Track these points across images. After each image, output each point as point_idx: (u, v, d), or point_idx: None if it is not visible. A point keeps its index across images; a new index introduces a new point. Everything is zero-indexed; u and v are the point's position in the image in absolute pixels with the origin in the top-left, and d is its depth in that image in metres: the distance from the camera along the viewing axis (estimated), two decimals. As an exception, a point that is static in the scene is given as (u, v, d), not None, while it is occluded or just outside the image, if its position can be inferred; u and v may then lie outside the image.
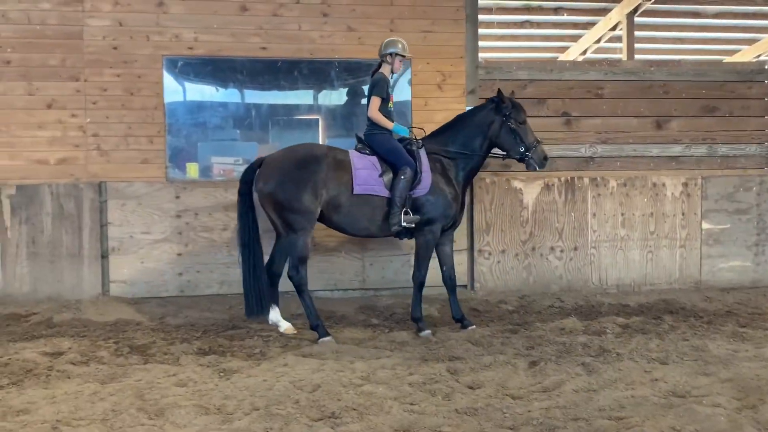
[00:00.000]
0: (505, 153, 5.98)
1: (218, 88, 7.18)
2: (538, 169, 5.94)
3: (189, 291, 6.71)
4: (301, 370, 4.47)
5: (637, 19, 9.87)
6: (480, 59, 7.37)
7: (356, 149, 5.84)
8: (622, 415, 3.72)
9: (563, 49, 12.06)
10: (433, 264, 6.99)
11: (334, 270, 6.99)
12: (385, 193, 5.60)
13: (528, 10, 10.49)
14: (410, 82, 7.17)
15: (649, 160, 7.57)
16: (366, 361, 4.70)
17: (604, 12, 10.31)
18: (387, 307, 6.54)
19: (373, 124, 5.78)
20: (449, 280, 5.95)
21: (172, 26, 6.77)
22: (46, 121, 6.63)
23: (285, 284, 5.81)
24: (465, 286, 7.17)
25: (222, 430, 3.52)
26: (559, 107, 7.43)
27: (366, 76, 7.23)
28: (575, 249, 7.30)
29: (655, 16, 10.37)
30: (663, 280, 7.44)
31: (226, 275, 6.80)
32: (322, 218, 5.68)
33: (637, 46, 10.00)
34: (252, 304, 5.60)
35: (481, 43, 7.52)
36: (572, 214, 7.30)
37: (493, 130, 5.85)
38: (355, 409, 3.78)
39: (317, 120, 7.40)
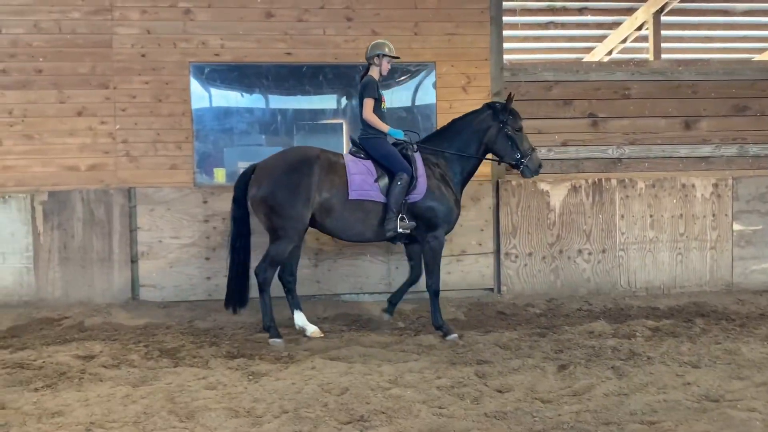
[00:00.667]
0: (499, 159, 5.96)
1: (244, 93, 7.25)
2: (532, 176, 5.91)
3: (217, 295, 6.74)
4: (329, 374, 4.49)
5: (664, 18, 9.76)
6: (505, 61, 7.34)
7: (350, 152, 5.81)
8: (655, 419, 3.68)
9: (588, 50, 11.96)
10: (457, 267, 7.04)
11: (360, 273, 7.00)
12: (381, 198, 5.55)
13: (552, 11, 10.43)
14: (435, 85, 7.17)
15: (678, 161, 7.48)
16: (393, 365, 4.70)
17: (629, 12, 10.21)
18: (413, 311, 6.52)
19: (367, 128, 5.71)
20: (416, 278, 5.97)
21: (199, 33, 6.86)
22: (77, 128, 6.76)
23: (303, 288, 5.84)
24: (491, 289, 7.13)
25: (252, 433, 3.54)
26: (585, 108, 7.37)
27: (391, 80, 7.26)
28: (603, 251, 7.22)
29: (682, 15, 10.25)
30: (693, 283, 7.32)
31: (254, 279, 6.83)
32: (313, 223, 5.63)
33: (663, 45, 9.88)
34: (232, 296, 5.67)
35: (505, 45, 7.49)
36: (600, 216, 7.22)
37: (489, 135, 5.82)
38: (383, 413, 3.79)
39: (341, 124, 7.42)
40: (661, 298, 6.99)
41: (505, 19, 8.14)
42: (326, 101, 7.45)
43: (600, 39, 11.44)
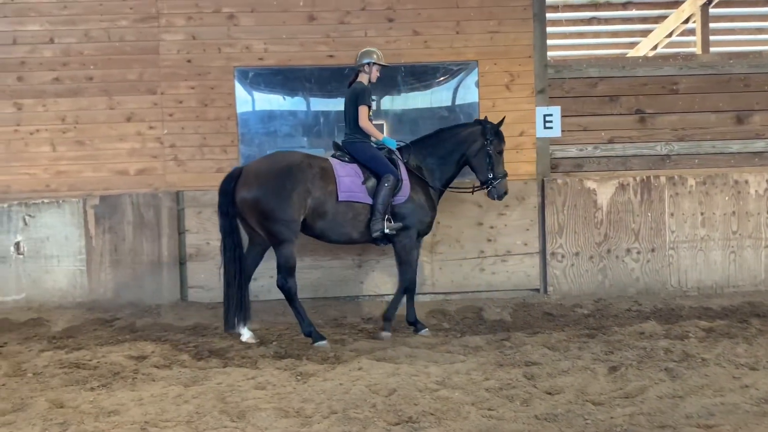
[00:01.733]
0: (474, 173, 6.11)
1: (287, 96, 7.31)
2: (495, 199, 6.11)
3: (263, 296, 6.85)
4: (376, 374, 4.49)
5: (712, 11, 9.50)
6: (548, 58, 7.24)
7: (335, 156, 5.85)
8: (712, 423, 3.57)
9: (632, 45, 11.74)
10: (502, 267, 6.97)
11: (404, 274, 6.99)
12: (368, 200, 5.65)
13: (595, 6, 10.27)
14: (477, 84, 7.11)
15: (730, 157, 7.26)
16: (440, 366, 4.68)
17: (675, 5, 9.98)
18: (457, 311, 6.49)
19: (354, 132, 5.80)
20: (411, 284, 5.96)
21: (243, 38, 6.95)
22: (126, 134, 6.93)
23: (348, 288, 5.84)
24: (537, 290, 7.05)
25: (302, 433, 3.57)
26: (632, 104, 7.21)
27: (432, 79, 7.25)
28: (652, 250, 7.06)
29: (731, 6, 9.97)
30: (747, 282, 7.09)
31: (299, 280, 6.86)
32: (305, 227, 5.66)
33: (711, 38, 9.62)
34: (231, 316, 5.54)
35: (547, 42, 7.38)
36: (649, 215, 7.06)
37: (472, 149, 6.00)
38: (432, 414, 3.77)
39: (382, 125, 7.42)
40: (714, 298, 6.80)
41: (548, 15, 8.03)
42: (368, 102, 7.46)
43: (645, 33, 11.22)
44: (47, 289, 6.80)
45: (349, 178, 5.65)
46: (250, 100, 7.23)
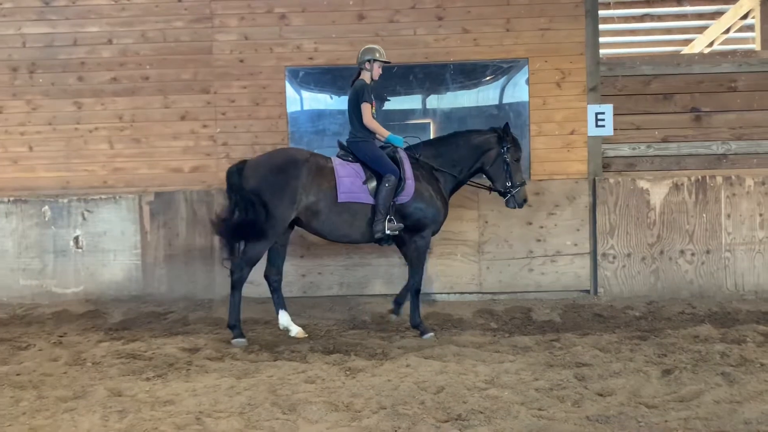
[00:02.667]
0: (491, 182, 5.97)
1: (335, 95, 7.37)
2: (514, 208, 5.95)
3: (311, 292, 6.94)
4: (424, 372, 4.50)
5: (773, 5, 9.16)
6: (600, 55, 7.11)
7: (338, 156, 5.81)
8: (773, 429, 3.46)
9: (686, 42, 11.43)
10: (551, 267, 6.89)
11: (451, 273, 6.98)
12: (370, 200, 5.57)
13: (648, 2, 10.03)
14: (527, 82, 7.04)
15: (791, 157, 7.01)
16: (488, 365, 4.66)
17: (733, 0, 9.66)
18: (505, 311, 6.44)
19: (357, 131, 5.74)
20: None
21: (294, 38, 7.05)
22: (180, 132, 7.10)
23: (395, 287, 5.86)
24: (587, 291, 6.94)
25: (352, 428, 3.60)
26: (687, 103, 7.03)
27: (481, 78, 7.22)
28: (707, 252, 6.87)
29: (793, 1, 9.57)
30: (808, 286, 6.85)
31: (345, 277, 6.99)
32: (299, 224, 5.66)
33: (772, 34, 9.28)
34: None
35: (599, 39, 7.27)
36: (704, 216, 6.88)
37: (487, 157, 5.87)
38: (481, 412, 3.76)
39: (429, 124, 7.42)
40: (773, 303, 6.58)
41: (600, 12, 7.89)
42: (416, 101, 7.47)
43: (700, 30, 10.90)
44: (104, 282, 7.03)
45: (349, 179, 5.59)
46: (300, 99, 7.33)
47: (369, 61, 5.77)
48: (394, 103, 7.42)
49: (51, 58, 7.15)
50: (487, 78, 7.25)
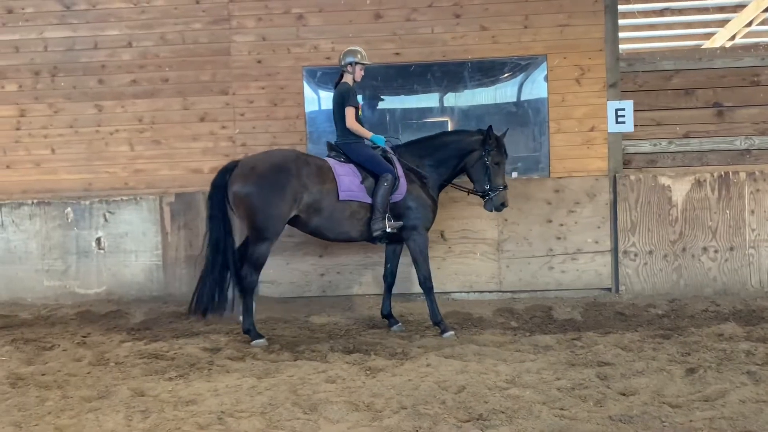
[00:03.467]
0: (471, 183, 6.00)
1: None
2: (492, 211, 5.97)
3: (330, 291, 6.95)
4: (445, 371, 4.49)
5: (797, -3, 9.03)
6: (620, 51, 7.04)
7: (330, 157, 5.84)
8: (801, 429, 3.40)
9: (708, 36, 11.27)
10: (572, 265, 6.83)
11: (470, 272, 6.96)
12: (367, 199, 5.64)
13: (668, -4, 9.91)
14: (546, 78, 6.99)
15: (817, 151, 6.89)
16: (509, 365, 4.63)
17: (755, -8, 9.53)
18: (526, 310, 6.41)
19: (347, 134, 5.80)
20: (390, 276, 6.03)
21: (311, 38, 7.06)
22: (200, 133, 7.15)
23: (414, 286, 5.84)
24: (609, 289, 6.88)
25: (373, 427, 3.60)
26: (709, 98, 6.94)
27: (499, 75, 7.18)
28: (731, 249, 6.78)
29: (817, -7, 9.43)
30: (835, 283, 6.73)
31: (364, 276, 6.99)
32: (296, 222, 5.66)
33: (796, 26, 9.15)
34: (202, 301, 5.52)
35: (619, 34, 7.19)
36: (727, 212, 6.78)
37: (470, 158, 5.89)
38: (503, 412, 3.74)
39: (446, 122, 7.39)
40: (799, 300, 6.47)
41: (619, 7, 7.82)
42: (433, 99, 7.46)
43: (721, 23, 10.76)
44: (126, 282, 7.10)
45: (348, 178, 5.65)
46: (318, 99, 7.34)
47: (351, 63, 5.84)
48: (412, 102, 7.41)
49: (72, 61, 7.24)
50: (505, 75, 7.21)
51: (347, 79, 5.89)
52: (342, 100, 5.78)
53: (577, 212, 6.88)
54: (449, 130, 6.19)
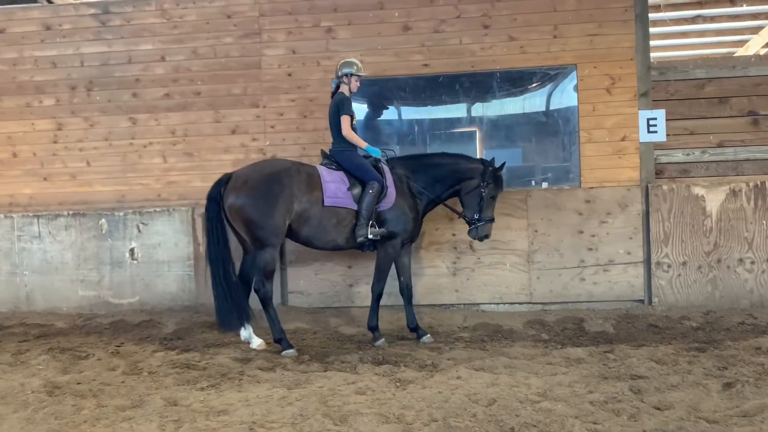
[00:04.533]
0: (462, 207, 6.09)
1: (382, 106, 7.41)
2: (474, 240, 6.09)
3: (359, 302, 6.96)
4: (475, 384, 4.45)
5: (834, 3, 8.83)
6: (651, 59, 6.97)
7: (323, 165, 5.92)
8: None
9: (741, 44, 11.08)
10: (604, 277, 6.74)
11: (500, 283, 6.91)
12: (353, 206, 5.73)
13: (700, 3, 9.76)
14: (576, 88, 6.95)
15: None
16: (541, 378, 4.59)
17: (791, -2, 9.34)
18: (557, 322, 6.34)
19: (340, 142, 5.89)
20: (406, 290, 6.06)
21: (340, 50, 7.12)
22: (231, 146, 7.25)
23: (442, 296, 5.82)
24: (642, 301, 6.77)
25: (404, 440, 3.59)
26: (744, 106, 6.82)
27: (527, 84, 7.15)
28: (768, 260, 6.64)
29: None
30: None
31: (394, 287, 6.94)
32: (290, 233, 5.71)
33: (834, 32, 8.94)
34: (227, 318, 5.60)
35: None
36: (764, 222, 6.64)
37: (467, 184, 5.99)
38: (535, 426, 3.70)
39: (475, 132, 7.39)
40: (840, 313, 6.29)
41: (650, 15, 7.74)
42: (462, 109, 7.45)
43: (755, 30, 10.56)
44: (158, 292, 7.20)
45: (334, 184, 5.75)
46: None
47: (347, 74, 5.94)
48: (440, 112, 7.42)
49: (107, 76, 7.41)
50: (534, 85, 7.18)
51: (344, 89, 5.99)
52: (337, 109, 5.88)
53: (609, 223, 6.80)
54: (451, 152, 6.25)
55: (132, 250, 7.26)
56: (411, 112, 7.36)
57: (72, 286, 7.33)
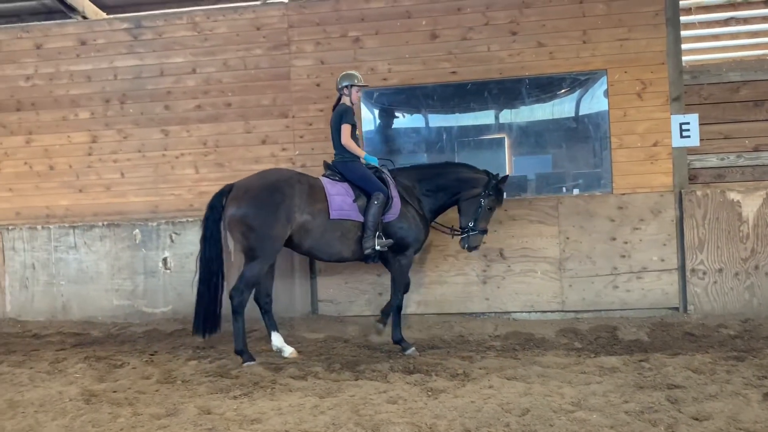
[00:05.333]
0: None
1: (410, 115, 7.43)
2: (464, 249, 6.08)
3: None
4: (508, 393, 4.41)
5: None
6: (683, 63, 6.87)
7: (325, 176, 5.90)
8: None
9: (777, 45, 10.83)
10: (637, 284, 6.63)
11: (531, 291, 6.85)
12: (359, 218, 5.70)
13: (733, 5, 9.59)
14: (606, 93, 6.87)
15: None
16: (574, 387, 4.53)
17: (828, -2, 9.13)
18: (590, 330, 6.26)
19: (343, 152, 5.90)
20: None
21: (368, 60, 7.16)
22: (261, 156, 7.33)
23: (473, 305, 5.76)
24: (676, 309, 6.65)
25: (436, 450, 3.57)
26: (781, 109, 6.69)
27: (557, 90, 7.10)
28: (808, 267, 6.47)
29: None
30: None
31: (423, 295, 6.97)
32: (290, 243, 5.66)
33: None
34: (200, 323, 5.61)
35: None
36: (803, 228, 6.48)
37: (469, 193, 6.01)
38: (569, 436, 3.65)
39: (503, 139, 7.36)
40: None
41: (681, 18, 7.63)
42: (490, 116, 7.43)
43: (791, 32, 10.32)
44: (191, 301, 7.14)
45: (340, 197, 5.71)
46: (374, 120, 7.42)
47: (347, 86, 5.99)
48: (468, 119, 7.41)
49: (140, 88, 7.55)
50: (563, 91, 7.13)
51: (345, 101, 6.04)
52: (340, 119, 5.91)
53: (642, 229, 6.70)
54: (454, 162, 6.37)
55: (165, 260, 7.36)
56: (439, 120, 7.36)
57: (107, 295, 7.46)
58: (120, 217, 7.57)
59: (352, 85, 6.00)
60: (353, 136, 5.94)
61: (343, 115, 5.92)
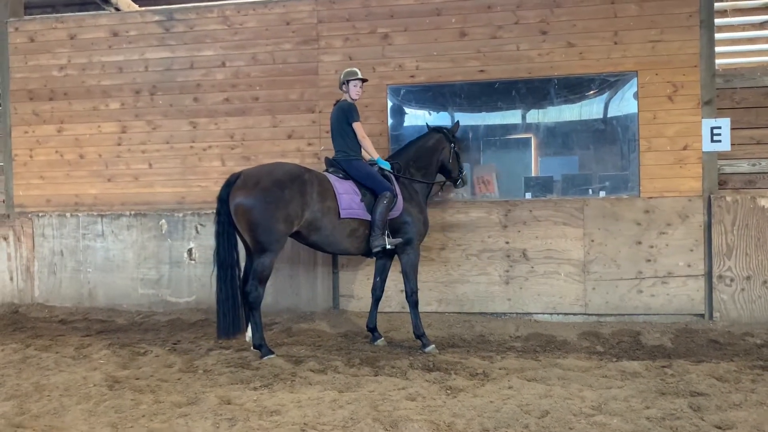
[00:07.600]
0: (446, 175, 6.47)
1: (436, 112, 7.41)
2: (463, 186, 6.62)
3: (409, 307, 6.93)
4: (528, 395, 4.40)
5: None
6: (716, 66, 6.75)
7: (330, 172, 5.88)
8: None
9: (814, 49, 10.59)
10: (662, 290, 6.55)
11: (554, 293, 6.80)
12: (367, 216, 5.74)
13: (769, 8, 9.42)
14: (636, 95, 6.79)
15: None
16: (595, 391, 4.49)
17: None
18: (612, 334, 6.20)
19: (346, 149, 5.91)
20: (379, 290, 6.15)
21: (396, 57, 7.16)
22: (287, 150, 7.37)
23: (494, 305, 5.73)
24: (702, 315, 6.55)
25: (454, 448, 3.57)
26: (815, 115, 6.54)
27: (587, 91, 7.03)
28: (840, 277, 6.33)
29: None
30: None
31: (444, 293, 6.96)
32: (297, 236, 5.66)
33: None
34: (227, 324, 5.49)
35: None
36: (835, 237, 6.34)
37: (444, 154, 6.35)
38: (589, 440, 3.62)
39: (530, 138, 7.30)
40: None
41: (715, 21, 7.50)
42: (518, 116, 7.38)
43: (829, 36, 10.09)
44: (213, 292, 7.32)
45: (348, 196, 5.71)
46: (395, 116, 7.40)
47: (345, 83, 6.00)
48: (495, 118, 7.37)
49: (170, 80, 7.64)
50: (592, 92, 7.05)
51: (346, 97, 6.05)
52: (345, 116, 5.90)
53: (669, 234, 6.61)
54: (413, 139, 6.48)
55: (190, 251, 7.45)
56: (466, 119, 7.33)
57: (132, 284, 7.57)
58: (147, 207, 7.67)
59: (348, 81, 5.96)
60: (349, 133, 5.93)
61: (349, 112, 5.89)
